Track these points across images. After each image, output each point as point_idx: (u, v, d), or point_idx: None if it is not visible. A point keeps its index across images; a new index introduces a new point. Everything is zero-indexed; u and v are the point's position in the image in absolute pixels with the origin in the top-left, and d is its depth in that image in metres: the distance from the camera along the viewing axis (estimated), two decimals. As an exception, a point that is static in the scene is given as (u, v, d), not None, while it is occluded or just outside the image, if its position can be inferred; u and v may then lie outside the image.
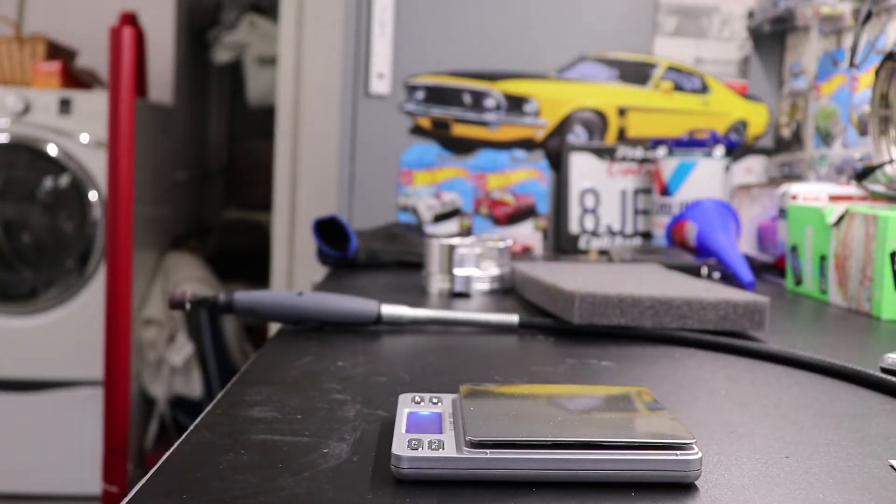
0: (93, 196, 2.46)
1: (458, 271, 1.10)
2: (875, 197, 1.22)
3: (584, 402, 0.53)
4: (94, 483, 2.33)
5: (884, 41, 1.38)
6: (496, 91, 1.74)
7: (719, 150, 1.60)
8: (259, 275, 2.98)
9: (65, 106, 2.47)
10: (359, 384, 0.64)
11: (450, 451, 0.45)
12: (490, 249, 1.12)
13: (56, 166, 2.47)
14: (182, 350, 2.59)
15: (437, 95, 1.74)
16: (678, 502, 0.43)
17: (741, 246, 1.49)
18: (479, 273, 1.11)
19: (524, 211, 1.75)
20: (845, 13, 1.50)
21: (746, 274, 1.20)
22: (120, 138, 1.96)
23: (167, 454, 0.47)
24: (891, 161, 1.23)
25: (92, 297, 2.45)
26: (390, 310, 0.86)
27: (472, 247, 1.11)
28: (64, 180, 2.49)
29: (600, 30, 1.76)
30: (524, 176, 1.75)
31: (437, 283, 1.11)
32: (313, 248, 1.36)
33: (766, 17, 1.70)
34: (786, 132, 1.75)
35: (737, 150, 1.68)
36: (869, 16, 1.39)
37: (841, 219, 1.10)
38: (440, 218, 1.74)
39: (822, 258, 1.14)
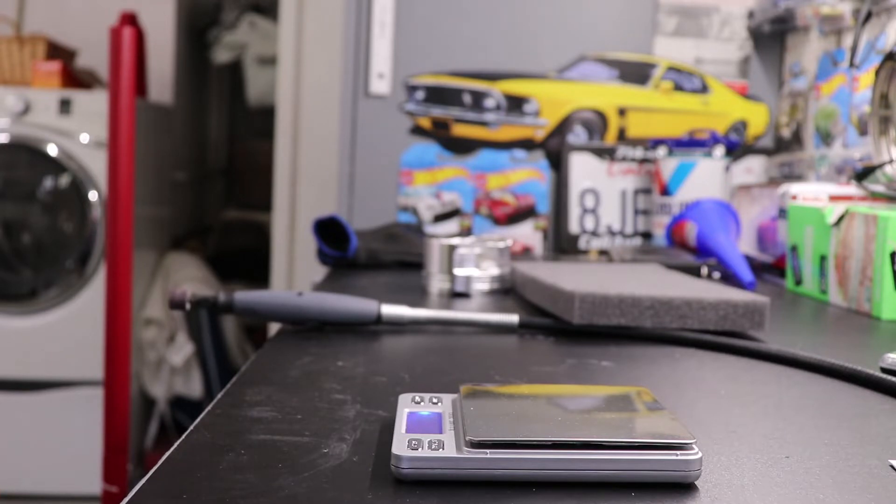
0: (93, 196, 2.46)
1: (458, 271, 1.10)
2: (875, 197, 1.22)
3: (584, 402, 0.53)
4: (94, 483, 2.33)
5: (884, 41, 1.38)
6: (496, 91, 1.74)
7: (719, 150, 1.60)
8: (259, 275, 2.98)
9: (65, 106, 2.47)
10: (359, 384, 0.64)
11: (450, 451, 0.45)
12: (490, 249, 1.12)
13: (56, 166, 2.47)
14: (182, 350, 2.59)
15: (437, 95, 1.74)
16: (678, 502, 0.43)
17: (741, 246, 1.49)
18: (479, 273, 1.11)
19: (524, 211, 1.75)
20: (845, 13, 1.50)
21: (746, 274, 1.20)
22: (120, 138, 1.95)
23: (167, 454, 0.47)
24: (891, 161, 1.23)
25: (92, 297, 2.45)
26: (390, 310, 0.86)
27: (472, 247, 1.11)
28: (64, 180, 2.50)
29: (600, 30, 1.76)
30: (524, 176, 1.75)
31: (437, 283, 1.11)
32: (313, 248, 1.36)
33: (766, 17, 1.70)
34: (786, 132, 1.75)
35: (737, 150, 1.68)
36: (869, 16, 1.39)
37: (841, 219, 1.10)
38: (440, 218, 1.74)
39: (822, 258, 1.14)
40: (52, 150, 2.45)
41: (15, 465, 2.48)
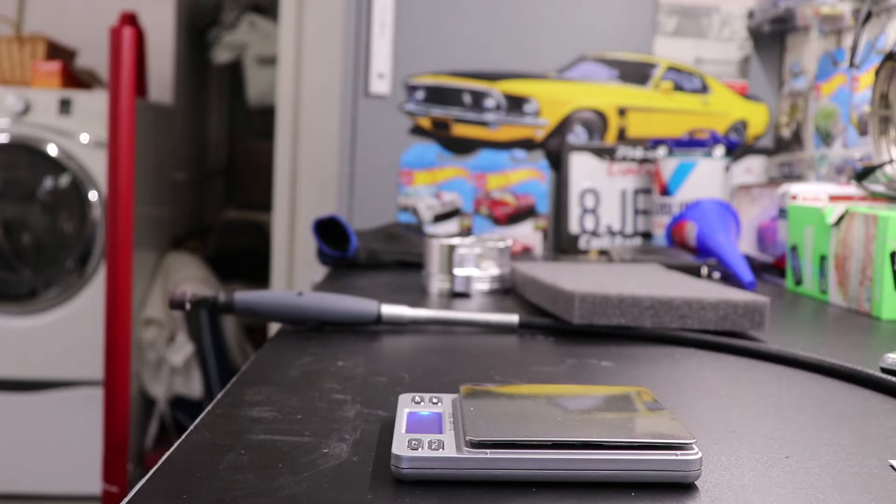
0: (93, 196, 2.46)
1: (458, 271, 1.10)
2: (875, 197, 1.22)
3: (584, 402, 0.53)
4: (94, 483, 2.33)
5: (884, 41, 1.38)
6: (496, 91, 1.74)
7: (719, 150, 1.60)
8: (259, 275, 2.98)
9: (65, 106, 2.47)
10: (359, 384, 0.64)
11: (450, 451, 0.45)
12: (490, 249, 1.12)
13: (56, 166, 2.47)
14: (182, 350, 2.59)
15: (437, 95, 1.74)
16: (678, 502, 0.43)
17: (741, 246, 1.49)
18: (479, 273, 1.11)
19: (524, 211, 1.75)
20: (845, 13, 1.50)
21: (746, 274, 1.20)
22: (120, 138, 1.96)
23: (167, 454, 0.47)
24: (891, 161, 1.23)
25: (92, 297, 2.45)
26: (390, 310, 0.86)
27: (472, 247, 1.11)
28: (64, 180, 2.50)
29: (600, 30, 1.76)
30: (524, 176, 1.75)
31: (437, 283, 1.11)
32: (313, 248, 1.36)
33: (766, 17, 1.70)
34: (786, 132, 1.75)
35: (737, 150, 1.68)
36: (869, 16, 1.39)
37: (841, 219, 1.10)
38: (440, 218, 1.74)
39: (822, 258, 1.14)
40: (52, 150, 2.44)
41: (15, 465, 2.48)
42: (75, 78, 2.61)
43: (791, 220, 1.23)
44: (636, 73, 1.77)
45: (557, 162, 1.75)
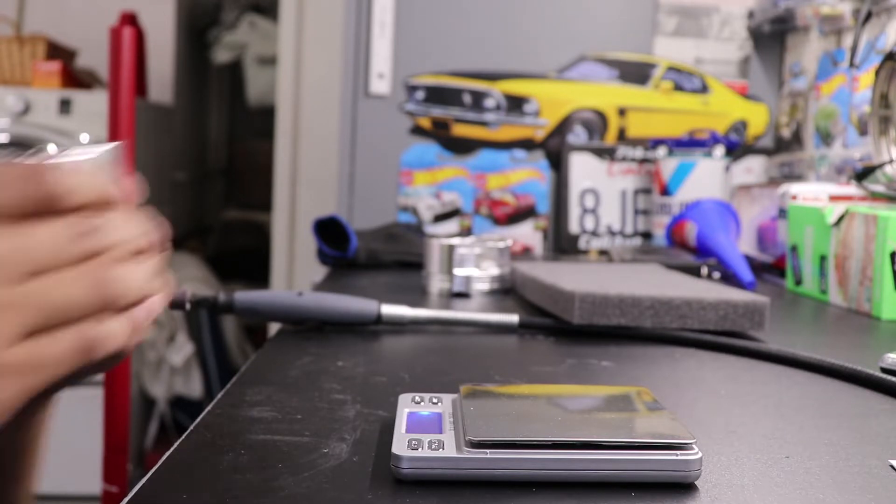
0: (93, 196, 2.45)
1: (458, 271, 1.10)
2: (875, 197, 1.22)
3: (584, 402, 0.53)
4: (94, 483, 2.33)
5: (884, 41, 1.38)
6: (496, 91, 1.74)
7: (719, 150, 1.60)
8: (259, 275, 2.98)
9: (65, 106, 2.47)
10: (359, 384, 0.64)
11: (450, 451, 0.45)
12: (490, 249, 1.12)
13: (56, 166, 2.47)
14: (182, 350, 2.59)
15: (437, 95, 1.74)
16: (678, 502, 0.43)
17: (741, 246, 1.49)
18: (479, 273, 1.11)
19: (524, 211, 1.75)
20: (845, 13, 1.50)
21: (746, 274, 1.20)
22: (120, 138, 1.95)
23: (167, 454, 0.47)
24: (891, 161, 1.23)
25: (92, 297, 2.45)
26: (390, 310, 0.86)
27: (472, 247, 1.11)
28: (64, 180, 2.49)
29: (600, 30, 1.76)
30: (524, 176, 1.75)
31: (437, 283, 1.11)
32: (313, 248, 1.36)
33: (766, 17, 1.70)
34: (786, 132, 1.75)
35: (737, 150, 1.68)
36: (869, 16, 1.39)
37: (841, 219, 1.10)
38: (440, 218, 1.74)
39: (822, 258, 1.14)
40: (52, 151, 2.44)
41: (15, 465, 2.48)
42: (75, 78, 2.61)
43: (791, 220, 1.23)
44: (636, 73, 1.77)
45: (557, 162, 1.75)
